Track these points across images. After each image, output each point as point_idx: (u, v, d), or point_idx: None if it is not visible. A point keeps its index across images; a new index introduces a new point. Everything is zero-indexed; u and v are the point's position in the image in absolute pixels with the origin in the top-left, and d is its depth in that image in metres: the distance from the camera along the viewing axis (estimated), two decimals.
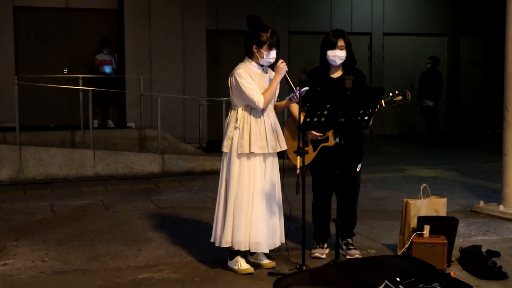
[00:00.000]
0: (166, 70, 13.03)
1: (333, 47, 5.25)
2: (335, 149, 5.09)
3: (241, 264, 5.02)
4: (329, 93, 4.72)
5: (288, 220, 5.16)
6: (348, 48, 5.29)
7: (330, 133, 5.23)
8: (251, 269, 5.00)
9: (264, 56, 4.92)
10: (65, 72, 12.90)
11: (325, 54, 5.30)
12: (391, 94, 5.20)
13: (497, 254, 5.36)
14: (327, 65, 5.36)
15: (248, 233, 4.90)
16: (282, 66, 4.91)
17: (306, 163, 5.17)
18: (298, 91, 4.83)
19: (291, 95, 4.95)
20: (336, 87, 5.23)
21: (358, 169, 5.47)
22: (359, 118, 4.72)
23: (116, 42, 12.99)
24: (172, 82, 12.73)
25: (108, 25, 13.29)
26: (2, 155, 9.83)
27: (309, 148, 5.30)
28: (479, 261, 4.95)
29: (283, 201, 5.16)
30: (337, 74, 5.37)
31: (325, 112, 4.58)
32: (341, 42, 5.25)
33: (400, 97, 5.17)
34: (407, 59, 16.36)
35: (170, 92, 12.13)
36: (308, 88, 4.86)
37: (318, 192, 5.49)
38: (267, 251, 5.05)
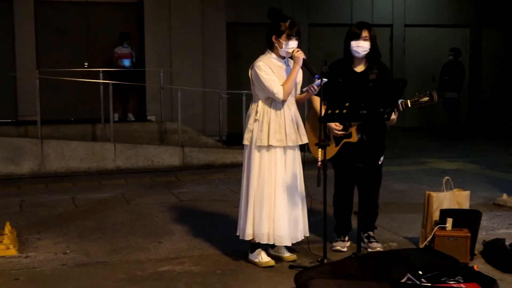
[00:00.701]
0: (186, 63, 13.04)
1: (357, 37, 5.20)
2: (358, 144, 5.05)
3: (262, 257, 5.00)
4: (351, 85, 4.68)
5: (309, 213, 5.15)
6: (373, 41, 5.23)
7: (353, 129, 5.19)
8: (272, 262, 4.99)
9: (283, 46, 4.89)
10: (85, 66, 12.95)
11: (349, 45, 5.25)
12: (417, 94, 5.12)
13: None
14: (350, 58, 5.31)
15: (272, 226, 4.90)
16: (298, 55, 4.86)
17: (328, 157, 5.15)
18: (318, 79, 4.78)
19: (307, 87, 4.91)
20: (358, 79, 5.18)
21: (380, 162, 5.43)
22: (381, 110, 4.68)
23: (136, 35, 13.01)
24: (192, 75, 12.74)
25: (128, 19, 13.32)
26: (24, 149, 9.90)
27: (331, 143, 5.27)
28: (502, 254, 4.89)
29: (315, 193, 5.12)
30: (360, 68, 5.30)
31: (347, 104, 4.54)
32: (365, 33, 5.20)
33: (426, 98, 5.06)
34: (428, 51, 16.20)
35: (190, 85, 12.13)
36: (326, 80, 4.81)
37: (339, 185, 5.47)
38: (290, 245, 5.04)
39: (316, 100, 5.16)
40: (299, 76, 5.06)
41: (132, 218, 6.79)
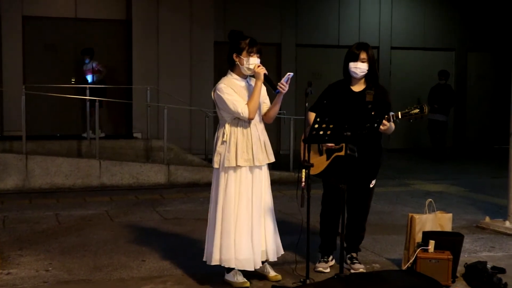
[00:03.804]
0: (173, 81, 13.06)
1: (355, 59, 5.25)
2: (348, 161, 5.05)
3: (238, 278, 4.98)
4: (335, 107, 4.73)
5: (299, 232, 5.13)
6: (371, 62, 5.29)
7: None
8: (247, 283, 4.96)
9: (244, 63, 4.91)
10: (72, 82, 12.94)
11: (348, 66, 5.31)
12: (408, 107, 5.17)
13: (502, 270, 5.33)
14: (349, 78, 5.37)
15: (237, 250, 4.84)
16: (259, 70, 4.86)
17: (319, 171, 5.22)
18: (279, 93, 4.82)
19: (277, 87, 4.84)
20: (354, 98, 5.23)
21: (371, 186, 5.45)
22: (364, 132, 4.72)
23: (124, 52, 13.04)
24: (179, 93, 12.75)
25: (116, 36, 13.36)
26: (8, 164, 9.85)
27: (323, 157, 5.29)
28: (484, 277, 4.93)
29: (295, 214, 5.11)
30: (358, 88, 5.36)
31: (331, 126, 4.57)
32: (363, 55, 5.25)
33: (417, 110, 5.09)
34: (414, 74, 16.36)
35: (177, 103, 12.15)
36: (292, 74, 4.84)
37: (327, 203, 5.44)
38: (252, 269, 4.95)
39: (312, 117, 5.15)
40: (262, 94, 5.01)
41: (115, 236, 6.76)
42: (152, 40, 13.04)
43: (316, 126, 4.56)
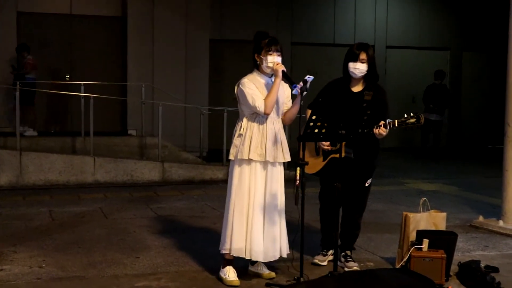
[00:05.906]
0: (168, 78, 13.05)
1: (355, 59, 5.26)
2: (344, 162, 5.05)
3: (229, 275, 5.00)
4: (331, 106, 4.75)
5: (296, 230, 5.13)
6: (371, 62, 5.28)
7: (343, 145, 5.21)
8: (237, 282, 4.97)
9: (263, 62, 4.99)
10: (67, 79, 12.90)
11: (347, 65, 5.31)
12: (405, 115, 5.16)
13: (495, 269, 5.34)
14: (348, 78, 5.37)
15: (249, 241, 4.93)
16: (278, 67, 4.93)
17: (315, 171, 5.26)
18: (295, 88, 4.85)
19: (295, 90, 4.90)
20: (339, 100, 5.23)
21: (367, 185, 5.45)
22: (359, 130, 4.73)
23: (119, 49, 13.00)
24: (174, 91, 12.74)
25: (111, 32, 13.33)
26: (2, 160, 9.82)
27: (320, 157, 5.30)
28: (477, 276, 4.94)
29: (289, 211, 5.12)
30: (357, 88, 5.36)
31: (325, 124, 4.58)
32: (363, 55, 5.26)
33: (413, 120, 5.07)
34: (409, 73, 16.38)
35: (171, 100, 12.13)
36: (313, 77, 4.86)
37: (325, 199, 5.48)
38: (263, 260, 5.04)
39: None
40: (285, 93, 5.09)
41: (109, 233, 6.75)
42: (147, 37, 13.02)
43: (311, 124, 4.56)
